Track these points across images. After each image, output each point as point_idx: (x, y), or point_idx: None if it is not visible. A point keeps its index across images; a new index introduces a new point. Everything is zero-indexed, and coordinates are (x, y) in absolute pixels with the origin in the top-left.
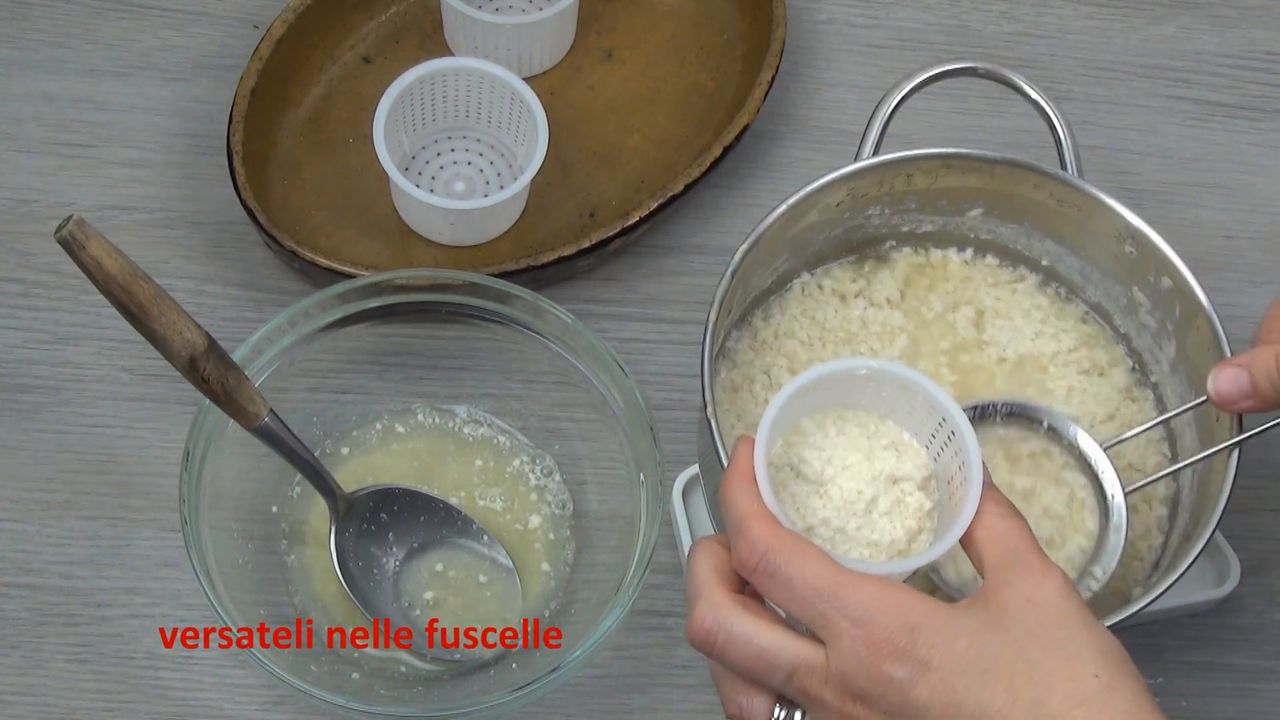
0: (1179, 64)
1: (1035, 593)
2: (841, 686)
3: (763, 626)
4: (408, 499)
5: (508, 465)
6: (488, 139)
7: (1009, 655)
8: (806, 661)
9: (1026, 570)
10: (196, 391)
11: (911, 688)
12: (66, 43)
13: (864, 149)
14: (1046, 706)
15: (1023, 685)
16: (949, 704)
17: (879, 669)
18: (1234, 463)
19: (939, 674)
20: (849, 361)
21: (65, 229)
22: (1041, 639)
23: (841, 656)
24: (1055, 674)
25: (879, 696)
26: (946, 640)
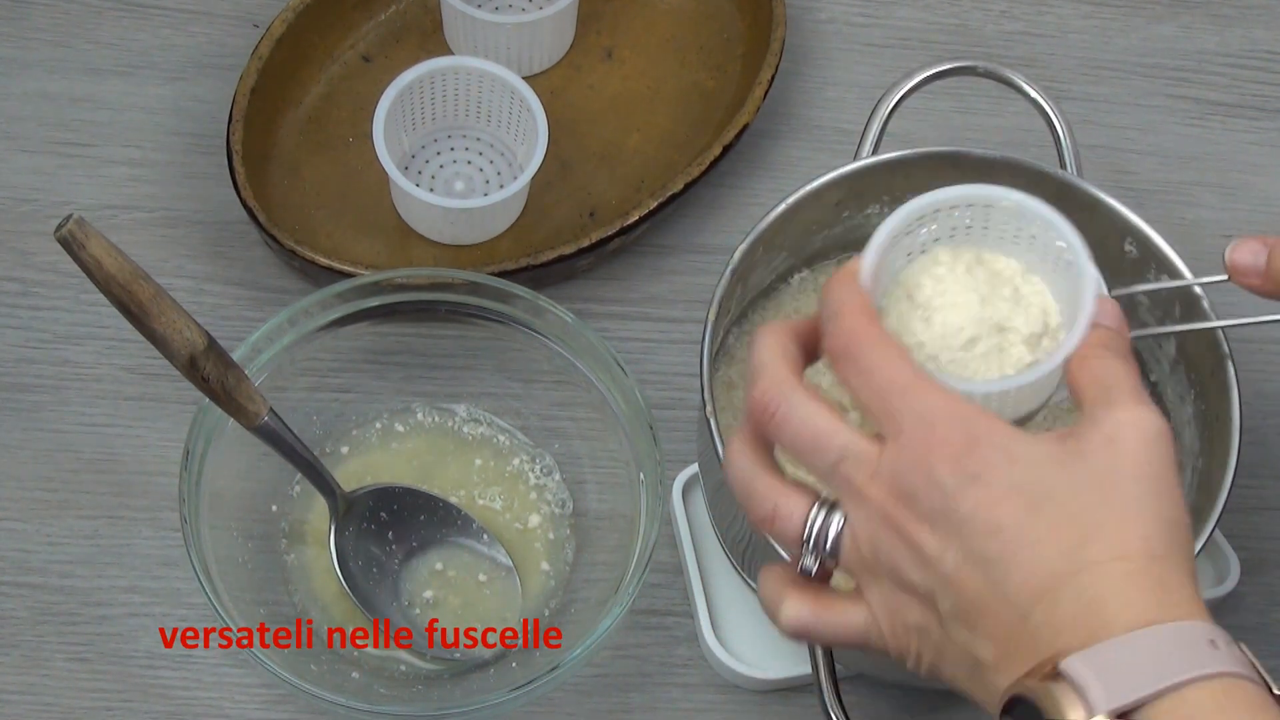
0: (1179, 63)
1: (1119, 433)
2: (889, 482)
3: (823, 409)
4: (407, 498)
5: (507, 464)
6: (487, 138)
7: (1064, 493)
8: (859, 450)
9: (1116, 408)
10: (196, 391)
11: (957, 495)
12: (66, 42)
13: (863, 148)
14: (1085, 550)
15: (1068, 524)
16: (989, 521)
17: (929, 470)
18: (1234, 463)
19: (986, 490)
20: (991, 189)
21: (65, 228)
22: (1105, 488)
23: (897, 452)
24: (1105, 524)
25: (923, 498)
26: (1005, 460)
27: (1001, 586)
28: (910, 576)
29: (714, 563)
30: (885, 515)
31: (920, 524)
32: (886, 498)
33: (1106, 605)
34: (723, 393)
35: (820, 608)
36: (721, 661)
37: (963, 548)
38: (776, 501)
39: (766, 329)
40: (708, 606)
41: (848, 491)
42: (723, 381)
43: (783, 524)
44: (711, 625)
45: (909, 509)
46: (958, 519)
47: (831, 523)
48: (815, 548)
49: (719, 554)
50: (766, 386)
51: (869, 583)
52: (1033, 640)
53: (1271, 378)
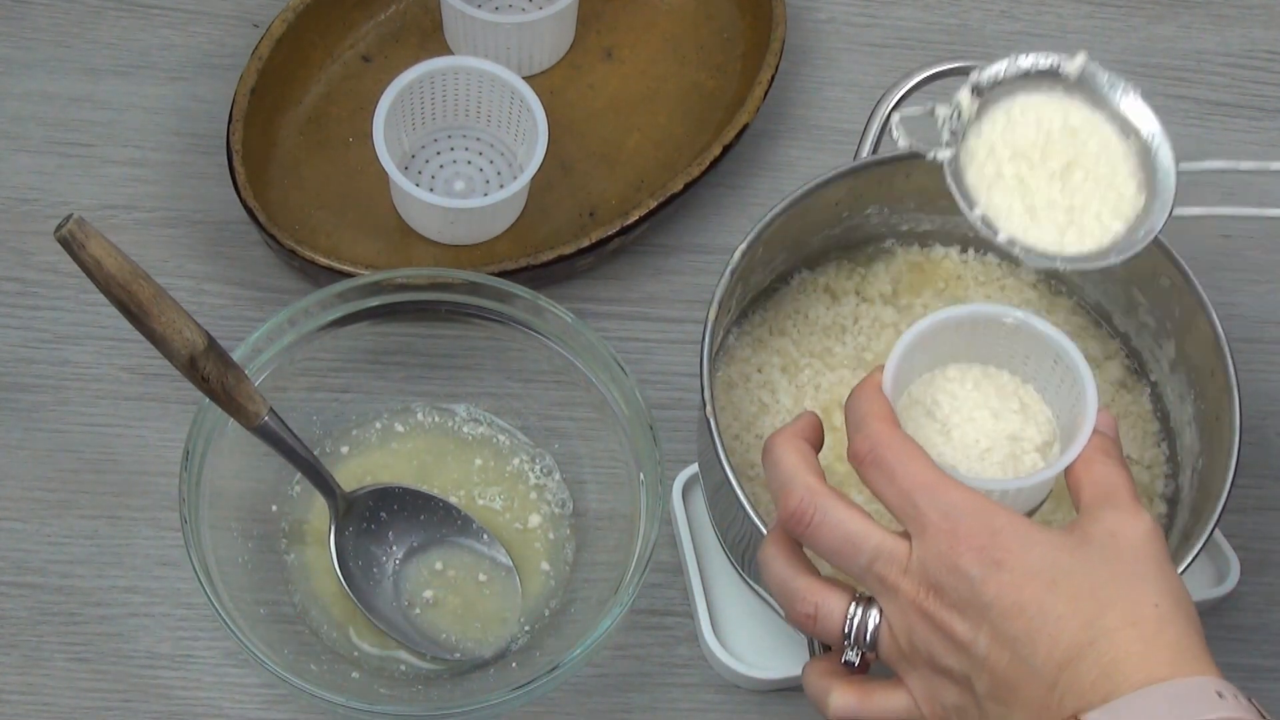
0: (1179, 63)
1: (1121, 529)
2: (920, 577)
3: (854, 513)
4: (407, 498)
5: (507, 464)
6: (487, 138)
7: (1079, 573)
8: (890, 549)
9: (1118, 510)
10: (196, 390)
11: (982, 584)
12: (66, 42)
13: (863, 148)
14: (1102, 621)
15: (1086, 599)
16: (1014, 604)
17: (956, 562)
18: (1234, 463)
19: (1009, 575)
20: (996, 307)
21: (65, 228)
22: (1114, 566)
23: (925, 548)
24: (1118, 596)
25: (951, 589)
26: (1023, 547)
27: (1029, 662)
28: (946, 662)
29: (714, 563)
30: (918, 607)
31: (950, 612)
32: (918, 591)
33: (1122, 666)
34: (723, 393)
35: (864, 696)
36: (721, 661)
37: (991, 630)
38: (817, 601)
39: (780, 439)
40: (708, 606)
41: (882, 589)
42: (723, 381)
43: (824, 622)
44: (711, 625)
45: (939, 599)
46: (984, 604)
47: (869, 618)
48: (855, 642)
49: (719, 554)
50: (801, 496)
51: (907, 670)
52: (1059, 707)
53: (1271, 378)
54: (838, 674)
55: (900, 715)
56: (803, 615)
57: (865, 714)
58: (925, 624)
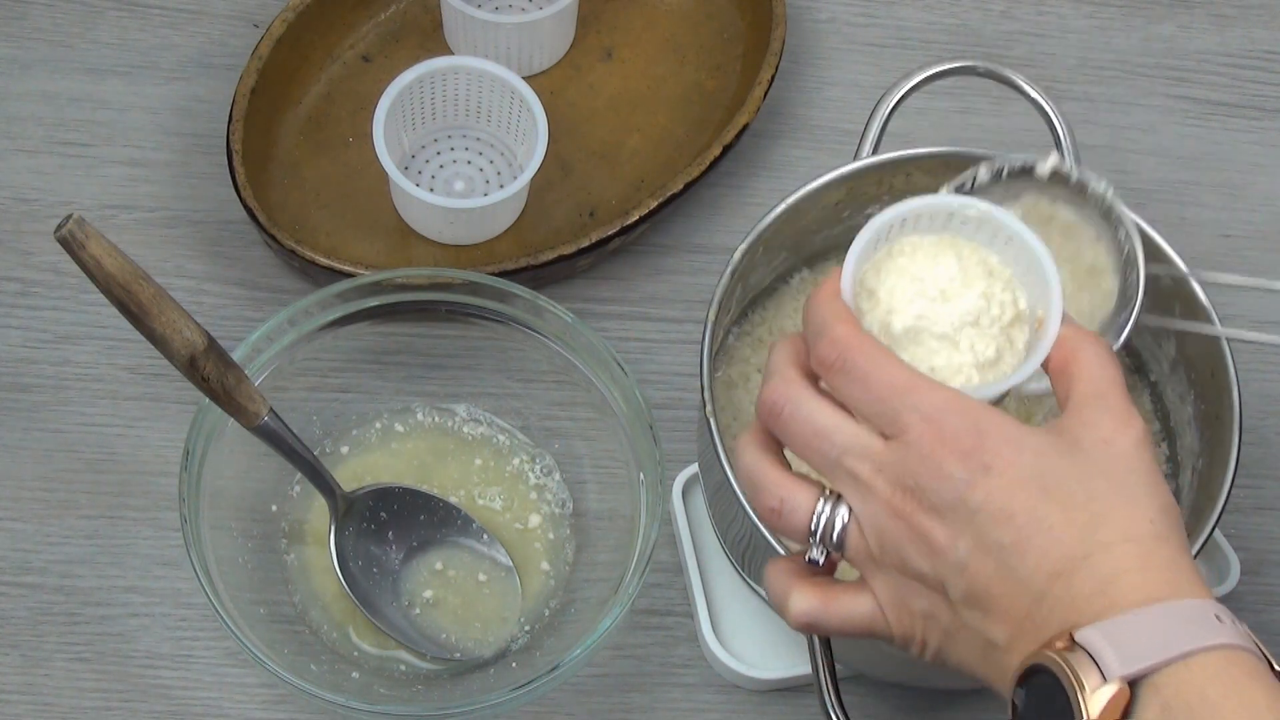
0: (1179, 63)
1: (1113, 436)
2: (895, 476)
3: (826, 406)
4: (407, 498)
5: (507, 464)
6: (487, 138)
7: (1072, 480)
8: (863, 444)
9: (1110, 413)
10: (196, 390)
11: (968, 487)
12: (66, 42)
13: (863, 148)
14: (1097, 533)
15: (1079, 509)
16: (1002, 510)
17: (939, 464)
18: (1234, 463)
19: (998, 479)
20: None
21: (65, 228)
22: (1108, 477)
23: (905, 448)
24: (1113, 508)
25: (932, 491)
26: (1013, 450)
27: (1016, 571)
28: (919, 565)
29: (714, 563)
30: (892, 508)
31: (929, 515)
32: (893, 491)
33: (1119, 583)
34: (723, 392)
35: (828, 599)
36: (721, 661)
37: (975, 536)
38: (783, 495)
39: (781, 339)
40: (708, 606)
41: (853, 485)
42: (723, 381)
43: (789, 517)
44: (711, 625)
45: (916, 501)
46: (969, 509)
47: (838, 515)
48: (821, 540)
49: (719, 554)
50: (775, 386)
51: (874, 572)
52: (1046, 619)
53: (1271, 378)
54: (800, 574)
55: (864, 619)
56: (767, 508)
57: (827, 617)
58: (899, 525)
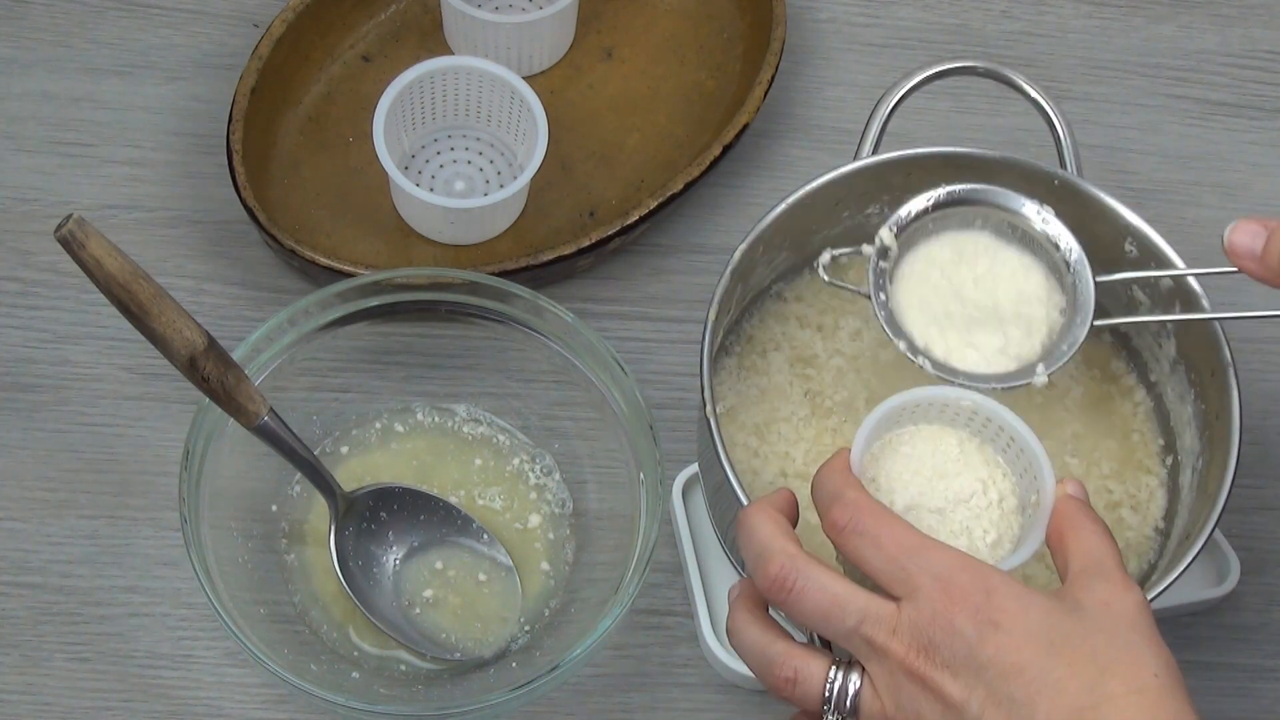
0: (1179, 63)
1: (1113, 600)
2: (910, 637)
3: (837, 577)
4: (407, 498)
5: (507, 464)
6: (488, 138)
7: (1077, 637)
8: (878, 610)
9: (1109, 581)
10: (196, 390)
11: (979, 644)
12: (66, 41)
13: (863, 148)
14: (1105, 687)
15: (1085, 663)
16: (1012, 665)
17: (950, 621)
18: (1234, 463)
19: (1007, 635)
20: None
21: (65, 228)
22: (1110, 635)
23: (916, 608)
24: (1118, 662)
25: (945, 648)
26: (1020, 608)
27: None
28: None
29: (714, 563)
30: (907, 668)
31: (943, 672)
32: (908, 651)
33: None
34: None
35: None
36: (721, 661)
37: (987, 691)
38: (796, 665)
39: (753, 511)
40: (708, 606)
41: (869, 651)
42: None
43: (804, 686)
44: (711, 625)
45: (930, 660)
46: (979, 664)
47: (850, 682)
48: (836, 707)
49: (719, 554)
50: (782, 563)
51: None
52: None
53: (1271, 378)
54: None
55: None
56: (782, 680)
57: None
58: (914, 685)
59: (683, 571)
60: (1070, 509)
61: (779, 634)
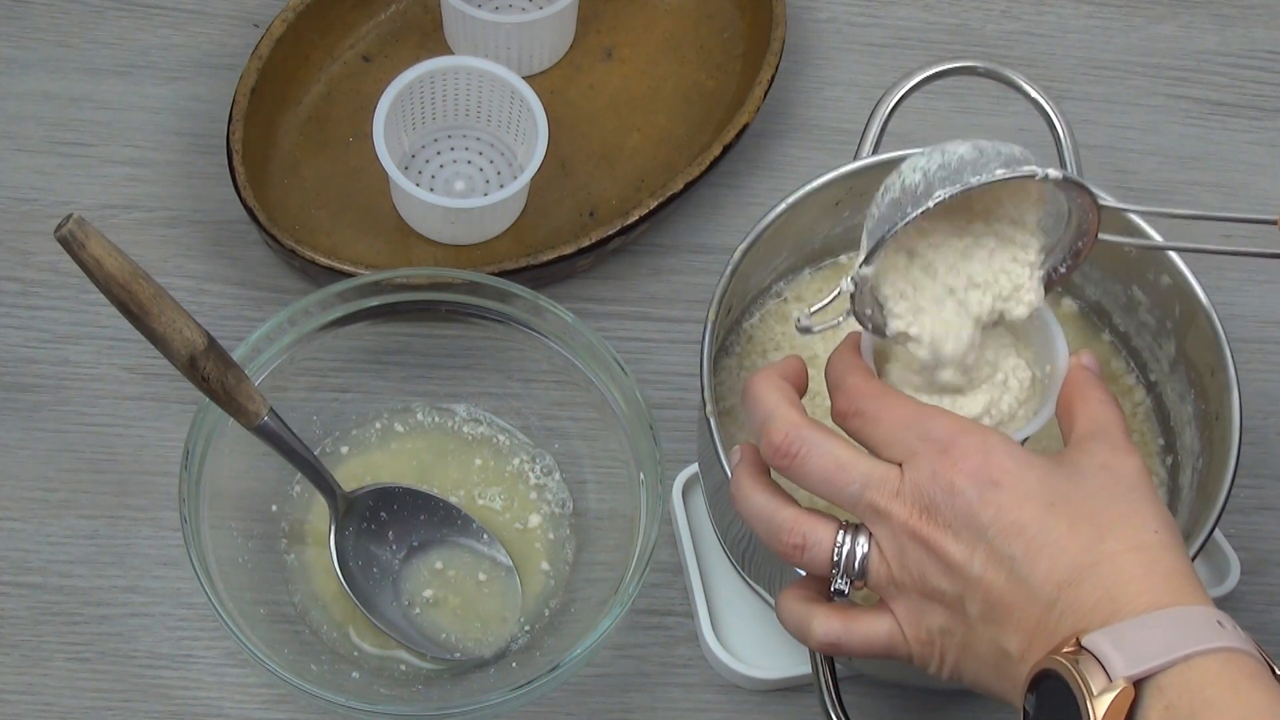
0: (1179, 63)
1: (1112, 462)
2: (912, 498)
3: (839, 443)
4: (407, 498)
5: (507, 464)
6: (488, 138)
7: (1077, 496)
8: (881, 474)
9: (1110, 445)
10: (196, 390)
11: (979, 502)
12: (66, 41)
13: (863, 147)
14: (1104, 544)
15: (1085, 522)
16: (1011, 523)
17: (951, 481)
18: (1234, 462)
19: (1007, 494)
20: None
21: (65, 228)
22: (1110, 495)
23: (917, 470)
24: (1118, 521)
25: (946, 509)
26: (1020, 468)
27: (1027, 581)
28: (937, 583)
29: (714, 563)
30: (910, 530)
31: (944, 532)
32: (910, 513)
33: (1125, 590)
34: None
35: (849, 622)
36: (721, 661)
37: (988, 550)
38: (804, 531)
39: (759, 378)
40: (708, 606)
41: (872, 514)
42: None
43: (812, 552)
44: (711, 625)
45: (932, 520)
46: (980, 523)
47: (859, 544)
48: (845, 571)
49: (719, 554)
50: (785, 430)
51: (894, 595)
52: (1056, 626)
53: (1271, 378)
54: (816, 601)
55: (884, 640)
56: (790, 546)
57: (849, 640)
58: (918, 546)
59: (683, 571)
60: (1081, 378)
61: (784, 500)
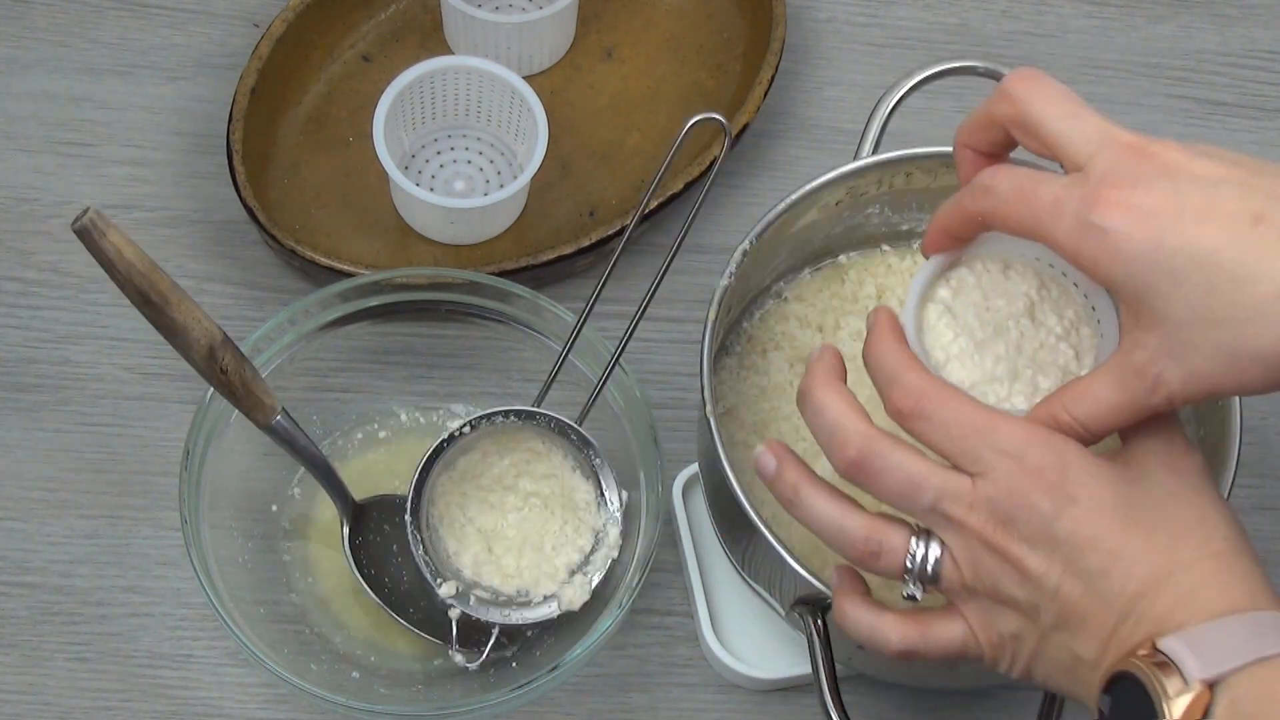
0: (1179, 63)
1: (1178, 464)
2: (987, 512)
3: (912, 455)
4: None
5: None
6: (488, 138)
7: (1150, 506)
8: (954, 487)
9: (1168, 443)
10: (196, 390)
11: (1056, 518)
12: (67, 41)
13: (863, 148)
14: (1179, 553)
15: (1159, 532)
16: (1088, 538)
17: (1027, 497)
18: (1234, 463)
19: (1084, 510)
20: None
21: (83, 219)
22: (1179, 500)
23: (993, 484)
24: (1190, 528)
25: (1023, 523)
26: (1095, 481)
27: (1104, 594)
28: (1011, 592)
29: (714, 563)
30: (986, 541)
31: (1021, 545)
32: (985, 525)
33: (1198, 596)
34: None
35: (923, 629)
36: (721, 661)
37: (1065, 563)
38: (880, 539)
39: (818, 384)
40: (708, 606)
41: (945, 524)
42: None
43: (887, 559)
44: (711, 625)
45: (1009, 533)
46: (1057, 538)
47: (931, 552)
48: (919, 576)
49: (719, 554)
50: (859, 445)
51: (965, 600)
52: (1131, 633)
53: None
54: (882, 608)
55: (958, 644)
56: (866, 554)
57: (926, 645)
58: (993, 557)
59: (683, 571)
60: None
61: (850, 506)
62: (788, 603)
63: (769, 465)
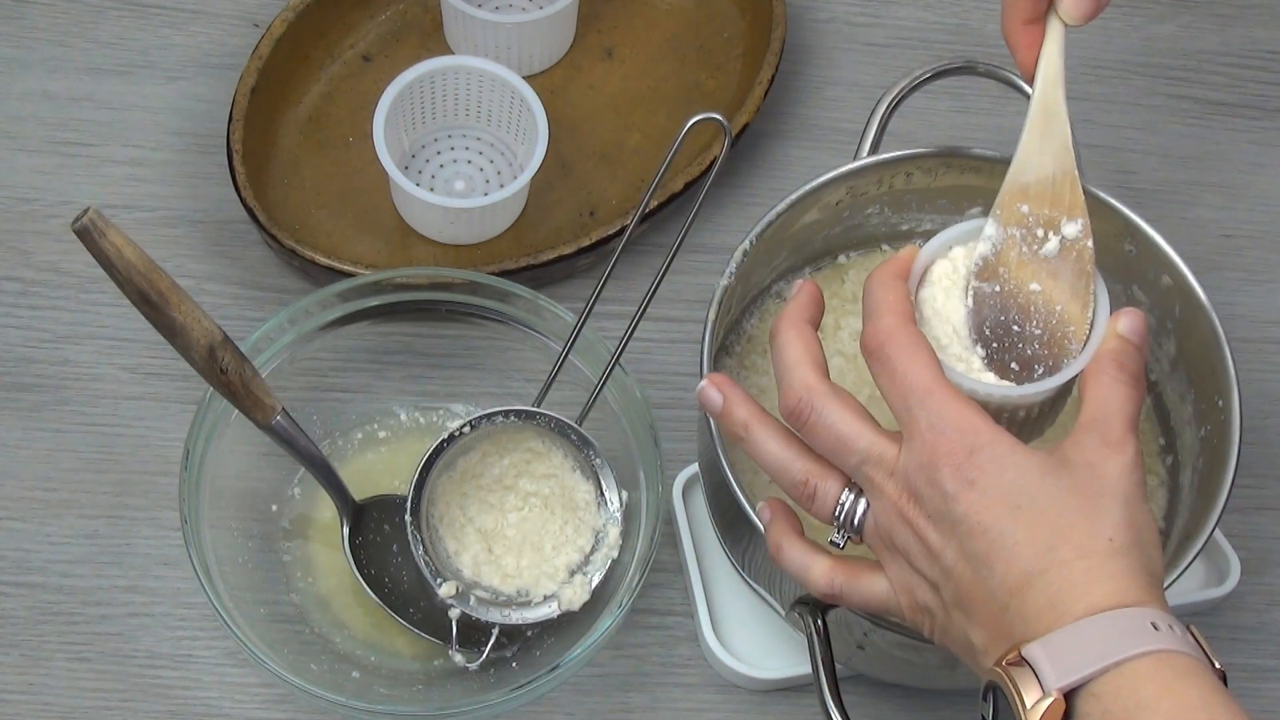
0: (1179, 63)
1: (1100, 461)
2: (902, 483)
3: (847, 414)
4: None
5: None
6: (488, 138)
7: (1044, 499)
8: (879, 452)
9: (1102, 439)
10: (196, 390)
11: (954, 499)
12: (67, 41)
13: (863, 147)
14: (1057, 551)
15: (1044, 527)
16: (978, 524)
17: (934, 475)
18: (1234, 463)
19: (979, 494)
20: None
21: (84, 219)
22: (1082, 498)
23: (910, 456)
24: (1076, 527)
25: (928, 499)
26: (997, 468)
27: (987, 582)
28: (919, 565)
29: (714, 563)
30: (899, 510)
31: (926, 521)
32: (900, 495)
33: (1065, 598)
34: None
35: (850, 573)
36: (721, 661)
37: (958, 545)
38: (816, 483)
39: (786, 323)
40: (708, 606)
41: (869, 487)
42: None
43: (819, 503)
44: (711, 625)
45: (918, 506)
46: (953, 519)
47: (858, 506)
48: (844, 526)
49: (719, 554)
50: (800, 395)
51: (889, 559)
52: (1009, 630)
53: (1271, 378)
54: (815, 550)
55: (880, 598)
56: (803, 495)
57: (849, 589)
58: (905, 527)
59: (683, 571)
60: (1104, 353)
61: (798, 448)
62: (788, 603)
63: (714, 398)
